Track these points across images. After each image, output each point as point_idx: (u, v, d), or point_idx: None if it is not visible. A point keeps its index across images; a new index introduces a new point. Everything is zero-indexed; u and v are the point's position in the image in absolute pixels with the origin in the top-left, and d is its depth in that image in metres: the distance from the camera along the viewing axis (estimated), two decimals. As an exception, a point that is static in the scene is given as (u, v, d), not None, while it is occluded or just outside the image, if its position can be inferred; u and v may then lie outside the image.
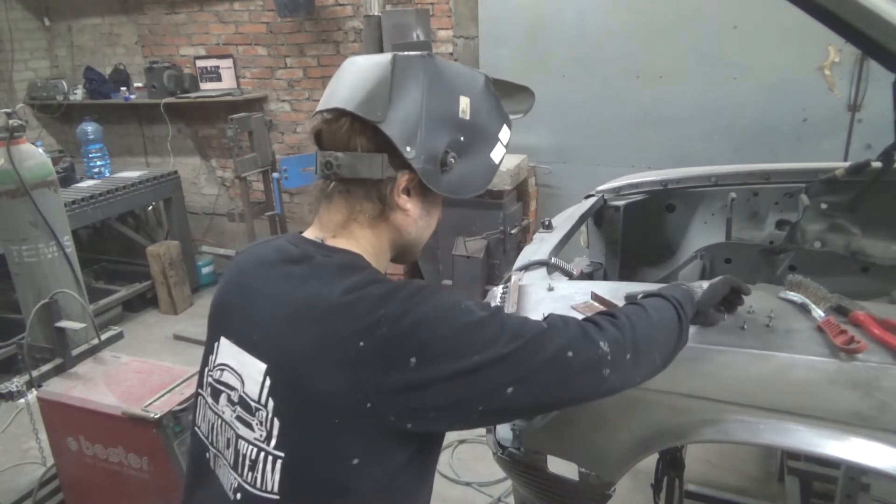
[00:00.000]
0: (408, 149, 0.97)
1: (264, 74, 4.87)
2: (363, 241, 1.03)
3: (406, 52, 1.03)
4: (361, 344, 0.87)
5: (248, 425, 0.96)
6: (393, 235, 1.05)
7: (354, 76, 1.04)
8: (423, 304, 0.91)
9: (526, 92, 1.23)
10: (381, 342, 0.88)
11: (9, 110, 2.56)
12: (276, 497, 0.93)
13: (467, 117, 1.02)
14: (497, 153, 1.07)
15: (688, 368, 1.25)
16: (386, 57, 1.01)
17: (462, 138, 1.02)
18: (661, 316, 1.09)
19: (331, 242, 1.02)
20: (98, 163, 4.74)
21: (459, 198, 1.07)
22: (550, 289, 1.57)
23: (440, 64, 1.04)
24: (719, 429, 1.23)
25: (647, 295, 1.14)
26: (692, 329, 1.24)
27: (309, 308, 0.93)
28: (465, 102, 1.02)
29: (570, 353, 0.94)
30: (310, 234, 1.06)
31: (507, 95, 1.14)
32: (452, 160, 1.00)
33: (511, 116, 1.13)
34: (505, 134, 1.09)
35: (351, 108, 0.99)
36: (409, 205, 1.03)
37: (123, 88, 5.22)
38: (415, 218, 1.05)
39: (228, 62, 4.84)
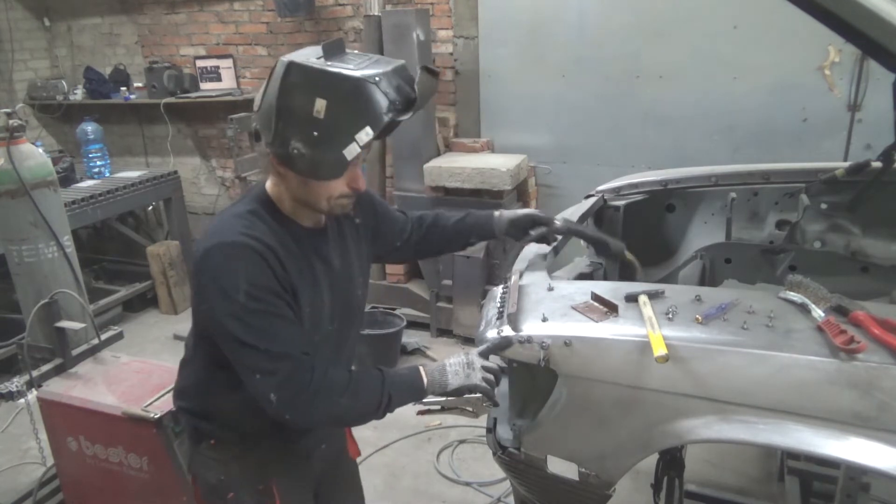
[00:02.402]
0: (266, 136, 1.29)
1: (264, 74, 4.83)
2: (276, 186, 1.40)
3: (287, 58, 1.29)
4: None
5: None
6: (287, 189, 1.38)
7: None
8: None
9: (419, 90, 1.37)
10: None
11: (9, 110, 2.56)
12: None
13: (321, 117, 1.22)
14: (350, 151, 1.25)
15: (688, 368, 1.25)
16: (281, 60, 1.31)
17: (315, 133, 1.24)
18: (363, 404, 1.38)
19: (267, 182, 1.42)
20: (98, 163, 4.73)
21: (313, 179, 1.32)
22: (550, 289, 1.57)
23: (307, 69, 1.25)
24: (719, 429, 1.23)
25: (378, 370, 1.41)
26: (693, 328, 1.27)
27: None
28: (320, 104, 1.22)
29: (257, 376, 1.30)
30: None
31: (402, 93, 1.31)
32: (295, 151, 1.25)
33: (401, 118, 1.31)
34: (364, 135, 1.24)
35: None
36: (284, 170, 1.33)
37: (123, 88, 5.22)
38: (292, 185, 1.35)
39: (228, 62, 4.84)
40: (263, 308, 1.28)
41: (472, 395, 1.47)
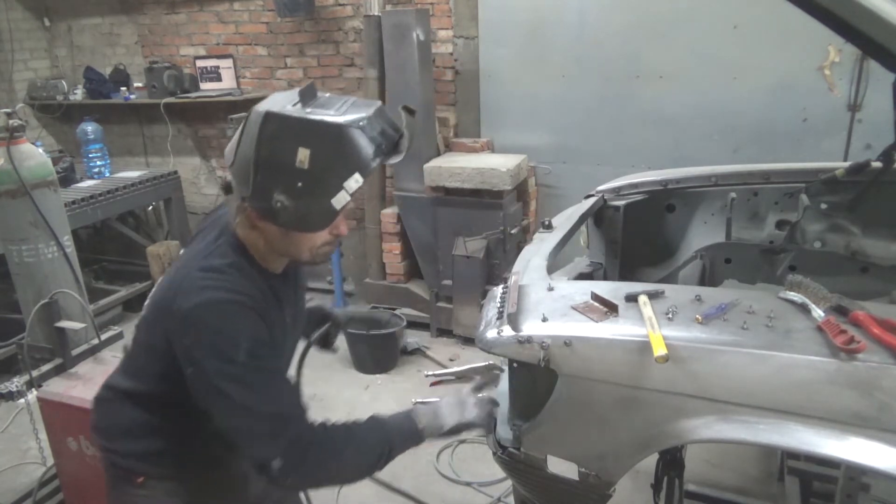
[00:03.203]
0: (244, 190, 1.22)
1: (264, 74, 4.87)
2: (249, 236, 1.32)
3: (262, 107, 1.21)
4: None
5: None
6: (264, 241, 1.31)
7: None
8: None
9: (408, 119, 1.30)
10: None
11: (9, 110, 2.56)
12: None
13: (305, 167, 1.16)
14: (339, 199, 1.19)
15: (688, 368, 1.25)
16: (255, 110, 1.22)
17: (299, 184, 1.17)
18: (366, 457, 1.35)
19: (237, 227, 1.32)
20: (98, 163, 4.74)
21: (301, 231, 1.26)
22: (550, 289, 1.57)
23: (285, 118, 1.18)
24: (719, 429, 1.23)
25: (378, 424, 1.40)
26: (693, 328, 1.27)
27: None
28: (303, 154, 1.16)
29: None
30: None
31: (386, 137, 1.25)
32: (279, 204, 1.18)
33: (390, 161, 1.26)
34: (354, 182, 1.19)
35: (224, 152, 1.29)
36: (264, 225, 1.26)
37: (123, 88, 5.22)
38: (272, 237, 1.29)
39: (228, 62, 4.84)
40: (264, 366, 1.25)
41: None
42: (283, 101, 1.22)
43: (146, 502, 1.45)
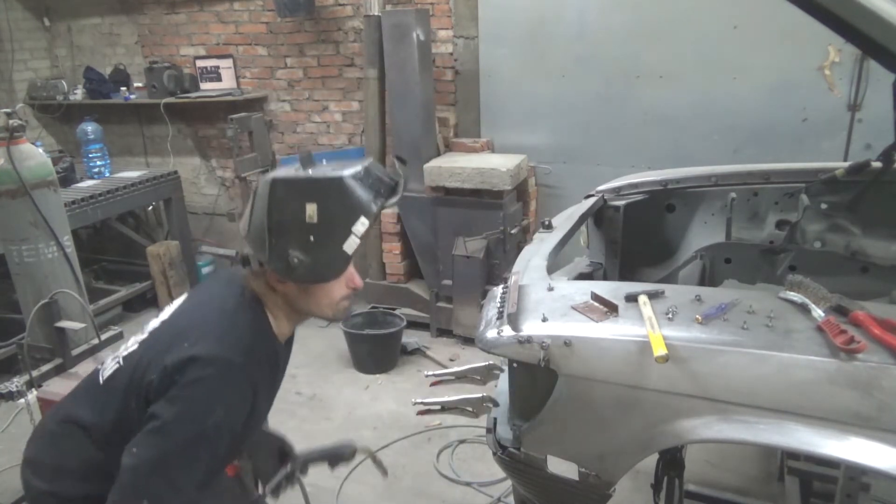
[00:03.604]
0: (261, 255, 1.32)
1: (264, 74, 4.87)
2: (269, 299, 1.42)
3: (269, 177, 1.33)
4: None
5: None
6: (285, 303, 1.42)
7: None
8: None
9: (395, 178, 1.43)
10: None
11: (9, 110, 2.56)
12: None
13: (315, 220, 1.27)
14: (350, 244, 1.31)
15: (688, 368, 1.25)
16: (262, 180, 1.33)
17: (312, 238, 1.28)
18: None
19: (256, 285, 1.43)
20: (98, 163, 4.74)
21: (320, 282, 1.36)
22: (550, 289, 1.57)
23: (290, 181, 1.31)
24: (719, 429, 1.23)
25: None
26: (693, 328, 1.27)
27: None
28: (311, 209, 1.27)
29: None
30: None
31: (381, 183, 1.38)
32: (296, 260, 1.29)
33: (388, 203, 1.38)
34: (360, 225, 1.31)
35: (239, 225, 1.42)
36: (283, 287, 1.38)
37: (123, 88, 5.22)
38: (293, 296, 1.40)
39: (228, 62, 4.84)
40: (213, 444, 1.28)
41: (473, 396, 1.50)
42: (285, 171, 1.34)
43: None
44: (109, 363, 1.46)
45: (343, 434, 3.20)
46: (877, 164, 1.92)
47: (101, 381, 1.44)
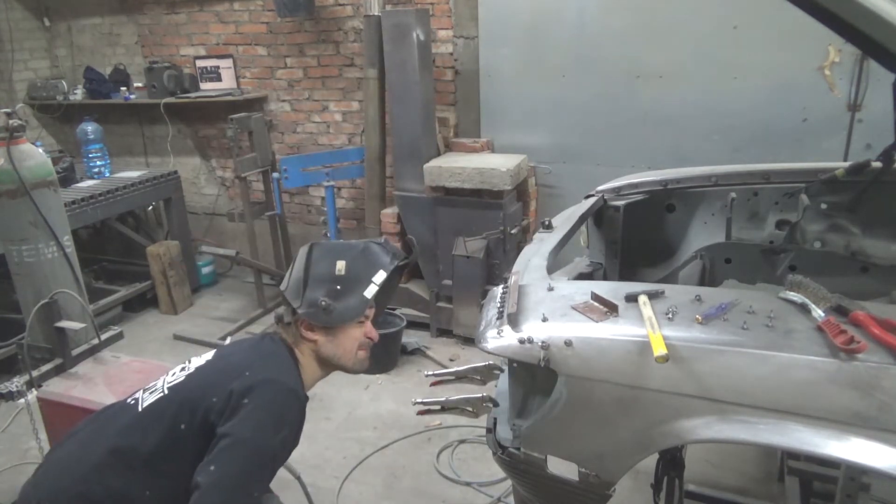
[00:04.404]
0: (295, 303, 1.62)
1: (264, 74, 4.87)
2: (302, 353, 1.68)
3: (309, 244, 1.69)
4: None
5: None
6: (315, 354, 1.68)
7: None
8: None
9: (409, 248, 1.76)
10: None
11: (9, 110, 2.56)
12: None
13: (343, 273, 1.62)
14: (370, 290, 1.65)
15: (688, 368, 1.25)
16: (303, 248, 1.69)
17: (339, 287, 1.62)
18: None
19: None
20: (98, 163, 4.74)
21: (344, 322, 1.64)
22: (550, 289, 1.57)
23: (325, 245, 1.69)
24: (719, 429, 1.23)
25: None
26: (693, 328, 1.27)
27: None
28: (340, 265, 1.63)
29: None
30: None
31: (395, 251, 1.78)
32: (325, 304, 1.59)
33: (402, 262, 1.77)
34: (379, 276, 1.66)
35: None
36: (312, 335, 1.65)
37: (123, 88, 5.22)
38: (322, 343, 1.66)
39: (228, 62, 4.84)
40: (279, 459, 1.50)
41: (473, 396, 1.51)
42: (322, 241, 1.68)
43: None
44: (146, 395, 1.60)
45: (343, 434, 3.20)
46: (877, 164, 1.92)
47: (139, 409, 1.56)
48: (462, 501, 2.76)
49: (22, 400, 2.52)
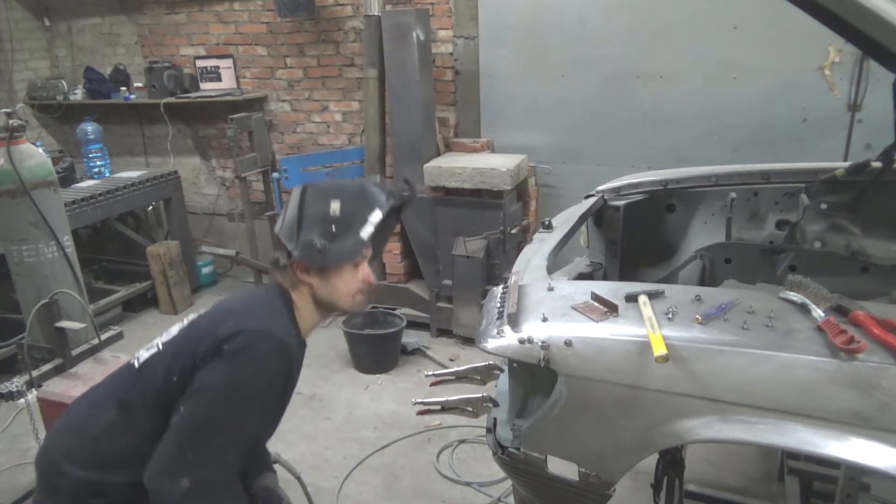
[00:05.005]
0: (290, 244, 1.54)
1: (264, 74, 4.87)
2: (299, 296, 1.61)
3: (301, 185, 1.60)
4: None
5: None
6: (311, 296, 1.60)
7: None
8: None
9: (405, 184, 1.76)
10: None
11: (9, 110, 2.56)
12: None
13: (337, 213, 1.53)
14: (366, 231, 1.56)
15: (688, 368, 1.25)
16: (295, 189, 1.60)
17: (334, 228, 1.53)
18: None
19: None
20: (98, 163, 4.74)
21: (339, 263, 1.56)
22: (550, 289, 1.57)
23: (317, 185, 1.62)
24: (719, 429, 1.23)
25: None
26: (693, 328, 1.27)
27: None
28: (335, 205, 1.54)
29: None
30: None
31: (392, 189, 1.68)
32: (319, 245, 1.51)
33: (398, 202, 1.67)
34: (375, 216, 1.58)
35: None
36: (308, 278, 1.57)
37: (123, 88, 5.22)
38: (317, 285, 1.58)
39: (228, 62, 4.84)
40: (252, 414, 1.43)
41: (473, 396, 1.50)
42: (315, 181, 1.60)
43: None
44: (143, 353, 1.58)
45: (343, 434, 3.20)
46: (877, 164, 1.92)
47: (136, 367, 1.56)
48: (462, 501, 2.76)
49: (22, 400, 2.52)
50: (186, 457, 1.34)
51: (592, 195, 2.34)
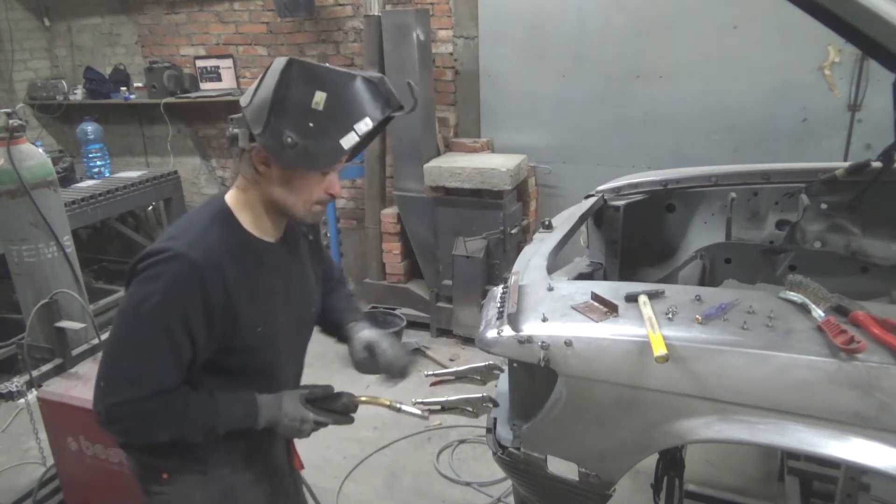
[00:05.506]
0: (255, 128, 1.28)
1: (264, 74, 4.86)
2: (246, 193, 1.40)
3: (288, 57, 1.30)
4: None
5: None
6: (263, 195, 1.38)
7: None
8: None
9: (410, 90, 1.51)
10: None
11: (9, 110, 2.56)
12: None
13: (320, 108, 1.26)
14: (348, 140, 1.29)
15: (688, 368, 1.25)
16: (277, 60, 1.31)
17: (311, 125, 1.26)
18: (186, 434, 1.34)
19: (227, 193, 1.44)
20: (98, 163, 4.73)
21: (308, 169, 1.33)
22: (550, 289, 1.57)
23: (306, 66, 1.29)
24: (719, 429, 1.23)
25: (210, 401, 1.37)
26: (693, 328, 1.27)
27: None
28: (320, 96, 1.26)
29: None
30: None
31: (391, 96, 1.40)
32: (289, 139, 1.25)
33: (396, 114, 1.42)
34: (363, 125, 1.31)
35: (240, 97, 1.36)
36: (266, 172, 1.34)
37: (123, 88, 5.22)
38: (276, 184, 1.35)
39: (228, 62, 4.84)
40: (157, 333, 1.27)
41: (473, 396, 1.49)
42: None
43: (176, 498, 1.45)
44: None
45: (343, 434, 3.20)
46: (877, 164, 1.92)
47: None
48: (462, 501, 2.76)
49: (22, 400, 2.52)
50: (100, 385, 1.29)
51: (592, 195, 2.33)
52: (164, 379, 1.30)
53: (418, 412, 1.53)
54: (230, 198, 1.41)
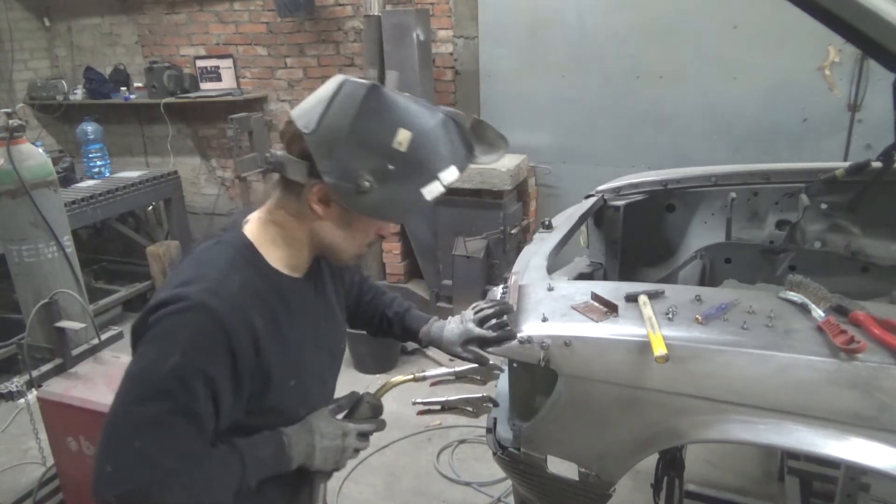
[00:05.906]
0: (323, 163, 1.07)
1: (264, 74, 4.87)
2: (282, 228, 1.17)
3: (358, 79, 1.10)
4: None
5: None
6: (311, 233, 1.18)
7: (316, 92, 1.14)
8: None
9: (501, 140, 1.24)
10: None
11: (9, 110, 2.56)
12: None
13: (403, 149, 1.07)
14: (431, 190, 1.10)
15: (688, 368, 1.25)
16: (339, 79, 1.11)
17: (391, 167, 1.07)
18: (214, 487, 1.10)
19: (247, 224, 1.20)
20: (98, 163, 4.74)
21: (382, 220, 1.17)
22: (550, 289, 1.57)
23: (388, 96, 1.10)
24: (719, 429, 1.23)
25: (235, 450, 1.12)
26: (693, 328, 1.26)
27: None
28: (404, 135, 1.07)
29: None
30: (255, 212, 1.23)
31: (482, 140, 1.21)
32: (367, 183, 1.06)
33: (484, 161, 1.20)
34: (449, 175, 1.12)
35: (293, 117, 1.11)
36: (324, 212, 1.13)
37: (123, 88, 5.22)
38: (330, 226, 1.16)
39: (228, 62, 4.84)
40: (176, 399, 1.04)
41: (473, 396, 1.46)
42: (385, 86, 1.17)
43: None
44: None
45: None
46: (877, 164, 1.92)
47: None
48: (462, 501, 2.76)
49: (22, 400, 2.51)
50: (106, 469, 1.03)
51: (592, 195, 2.34)
52: (186, 457, 1.06)
53: (443, 370, 1.45)
54: (253, 231, 1.18)
